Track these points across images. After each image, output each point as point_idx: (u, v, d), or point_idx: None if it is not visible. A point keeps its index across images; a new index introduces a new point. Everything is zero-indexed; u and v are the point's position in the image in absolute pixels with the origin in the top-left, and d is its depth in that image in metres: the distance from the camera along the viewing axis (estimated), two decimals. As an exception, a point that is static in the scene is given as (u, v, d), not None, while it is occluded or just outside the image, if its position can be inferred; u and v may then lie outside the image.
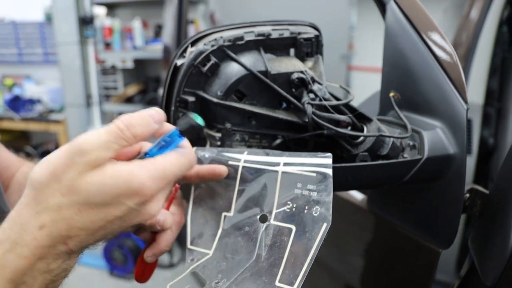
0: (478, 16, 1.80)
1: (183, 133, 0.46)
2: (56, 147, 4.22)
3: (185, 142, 0.47)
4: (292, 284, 0.46)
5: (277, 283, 0.46)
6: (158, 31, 3.89)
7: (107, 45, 3.70)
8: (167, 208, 0.58)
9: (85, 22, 2.75)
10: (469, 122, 1.96)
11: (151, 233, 0.58)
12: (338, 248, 0.94)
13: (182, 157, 0.45)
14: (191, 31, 3.59)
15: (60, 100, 4.36)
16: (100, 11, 3.98)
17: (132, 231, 0.60)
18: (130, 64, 3.74)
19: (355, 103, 1.00)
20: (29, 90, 4.49)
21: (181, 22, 1.99)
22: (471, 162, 1.90)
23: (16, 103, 4.18)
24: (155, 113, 0.44)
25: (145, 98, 3.72)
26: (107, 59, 3.76)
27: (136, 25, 3.66)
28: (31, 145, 4.44)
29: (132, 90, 3.88)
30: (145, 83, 3.97)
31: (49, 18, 4.27)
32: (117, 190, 0.40)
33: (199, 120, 0.55)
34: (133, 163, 0.42)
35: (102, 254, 3.10)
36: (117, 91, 3.92)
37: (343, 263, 0.94)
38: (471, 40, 1.81)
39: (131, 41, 3.69)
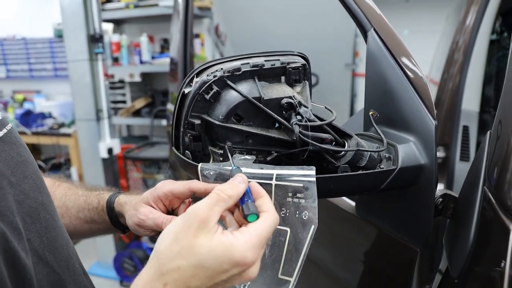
0: (474, 21, 1.87)
1: None
2: (67, 160, 4.33)
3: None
4: (291, 275, 0.58)
5: (279, 276, 0.58)
6: (164, 46, 4.01)
7: (115, 60, 3.83)
8: None
9: (94, 39, 2.86)
10: (466, 129, 2.04)
11: None
12: (331, 249, 1.03)
13: (269, 219, 0.53)
14: (197, 44, 3.71)
15: (69, 114, 4.48)
16: (107, 27, 4.12)
17: (156, 234, 0.71)
18: (137, 78, 3.87)
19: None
20: (40, 105, 4.62)
21: (187, 36, 2.09)
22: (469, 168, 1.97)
23: (27, 118, 4.30)
24: (239, 177, 0.57)
25: (153, 111, 3.83)
26: (115, 73, 3.89)
27: (143, 40, 3.79)
28: (42, 159, 4.56)
29: (139, 103, 3.99)
30: (152, 96, 4.08)
31: (58, 34, 4.41)
32: (222, 259, 0.49)
33: None
34: (234, 234, 0.52)
35: (112, 264, 3.19)
36: (125, 105, 4.04)
37: (335, 262, 1.04)
38: (467, 44, 1.89)
39: (138, 56, 3.82)
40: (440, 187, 0.76)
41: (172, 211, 0.75)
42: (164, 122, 3.69)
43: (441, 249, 0.83)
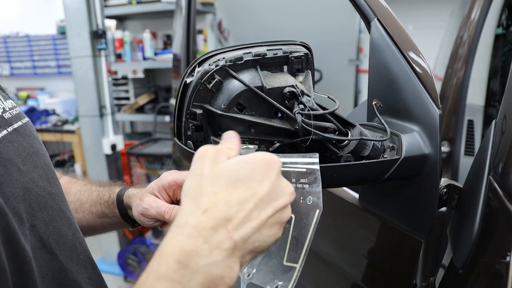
0: (478, 15, 1.86)
1: None
2: (71, 157, 4.34)
3: None
4: (296, 262, 0.57)
5: (284, 263, 0.57)
6: (167, 42, 4.01)
7: (118, 57, 3.83)
8: None
9: (97, 35, 2.86)
10: (471, 123, 2.03)
11: None
12: (334, 241, 1.02)
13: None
14: (200, 40, 3.70)
15: (73, 111, 4.50)
16: (110, 24, 4.12)
17: (159, 225, 0.72)
18: (140, 75, 3.87)
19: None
20: (43, 102, 4.64)
21: (190, 32, 2.08)
22: (473, 162, 1.96)
23: (32, 115, 4.32)
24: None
25: (156, 107, 3.83)
26: (118, 70, 3.90)
27: (146, 36, 3.79)
28: (46, 155, 4.56)
29: (143, 99, 4.00)
30: (156, 92, 4.09)
31: (61, 31, 4.42)
32: (254, 162, 0.47)
33: None
34: None
35: (117, 260, 3.20)
36: (128, 101, 4.05)
37: (338, 254, 1.03)
38: (472, 39, 1.88)
39: (141, 52, 3.82)
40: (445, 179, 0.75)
41: (176, 202, 0.75)
42: (167, 118, 3.69)
43: (446, 241, 0.82)
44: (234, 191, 0.46)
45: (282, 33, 4.33)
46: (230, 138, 0.53)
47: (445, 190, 0.74)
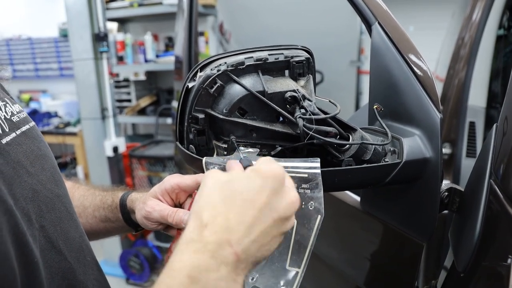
0: (480, 16, 1.86)
1: None
2: (72, 159, 4.35)
3: None
4: (298, 266, 0.57)
5: (287, 267, 0.58)
6: (168, 44, 4.02)
7: (120, 59, 3.84)
8: (189, 209, 0.69)
9: (99, 38, 2.87)
10: (472, 125, 2.03)
11: (177, 230, 0.71)
12: (336, 244, 1.03)
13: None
14: (201, 42, 3.71)
15: (75, 113, 4.50)
16: (112, 26, 4.13)
17: (162, 228, 0.73)
18: (142, 77, 3.88)
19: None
20: (46, 104, 4.65)
21: (192, 34, 2.09)
22: (475, 164, 1.95)
23: (34, 117, 4.32)
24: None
25: (158, 110, 3.84)
26: (120, 72, 3.90)
27: (148, 38, 3.79)
28: (48, 157, 4.56)
29: (144, 102, 4.00)
30: (157, 94, 4.09)
31: (63, 34, 4.43)
32: (251, 176, 0.49)
33: None
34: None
35: (119, 262, 3.20)
36: (130, 103, 4.05)
37: (340, 257, 1.03)
38: (473, 40, 1.88)
39: (143, 55, 3.83)
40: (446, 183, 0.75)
41: (179, 205, 0.76)
42: (169, 120, 3.70)
43: (447, 244, 0.83)
44: (232, 203, 0.47)
45: (283, 34, 4.33)
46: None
47: (446, 193, 0.74)
